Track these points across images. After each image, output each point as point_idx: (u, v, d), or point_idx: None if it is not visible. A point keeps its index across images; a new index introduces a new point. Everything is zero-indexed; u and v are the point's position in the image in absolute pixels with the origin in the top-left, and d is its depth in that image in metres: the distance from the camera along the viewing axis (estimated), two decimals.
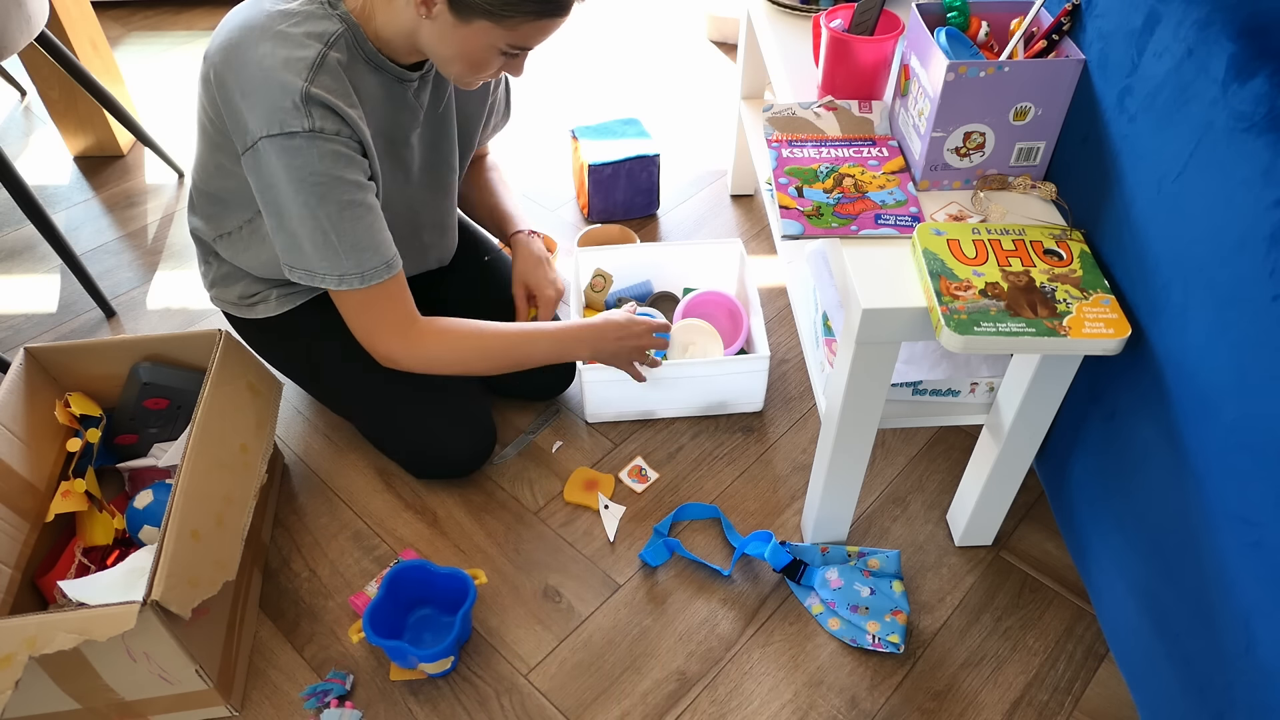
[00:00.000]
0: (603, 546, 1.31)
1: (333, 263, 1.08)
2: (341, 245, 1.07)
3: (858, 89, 1.22)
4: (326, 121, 1.02)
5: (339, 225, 1.06)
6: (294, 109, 1.00)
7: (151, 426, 1.32)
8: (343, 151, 1.04)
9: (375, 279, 1.11)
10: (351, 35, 1.06)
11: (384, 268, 1.11)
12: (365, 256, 1.09)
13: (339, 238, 1.07)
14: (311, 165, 1.02)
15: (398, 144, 1.19)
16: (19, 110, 2.31)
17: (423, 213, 1.30)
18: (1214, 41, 0.79)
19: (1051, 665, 1.17)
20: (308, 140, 1.01)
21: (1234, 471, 0.77)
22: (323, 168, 1.03)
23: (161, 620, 0.95)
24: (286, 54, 1.01)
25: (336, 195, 1.05)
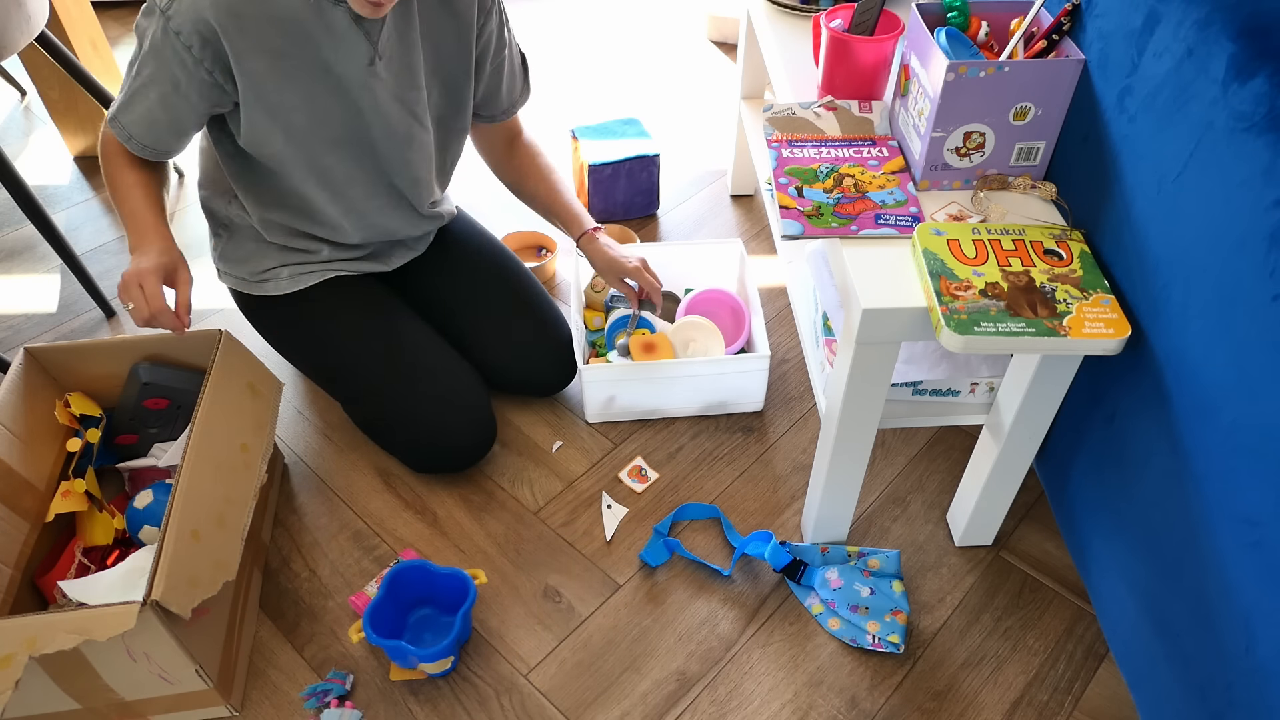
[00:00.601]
0: (603, 546, 1.31)
1: (121, 108, 1.13)
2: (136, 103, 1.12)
3: (858, 89, 1.22)
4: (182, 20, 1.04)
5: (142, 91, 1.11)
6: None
7: (151, 426, 1.32)
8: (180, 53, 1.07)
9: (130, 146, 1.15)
10: None
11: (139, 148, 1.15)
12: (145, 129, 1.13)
13: (138, 98, 1.11)
14: (154, 37, 1.07)
15: (348, 81, 1.16)
16: (19, 110, 2.31)
17: (388, 163, 1.28)
18: (1214, 41, 0.79)
19: (1051, 665, 1.17)
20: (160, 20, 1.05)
21: (1234, 471, 0.77)
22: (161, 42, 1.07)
23: (161, 620, 0.95)
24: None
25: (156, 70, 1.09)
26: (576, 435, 1.47)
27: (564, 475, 1.41)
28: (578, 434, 1.47)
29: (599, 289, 1.56)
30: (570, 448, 1.45)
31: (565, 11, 2.73)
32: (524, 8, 2.75)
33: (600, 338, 1.55)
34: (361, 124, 1.21)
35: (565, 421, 1.49)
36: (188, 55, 1.07)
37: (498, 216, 1.93)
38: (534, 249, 1.84)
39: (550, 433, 1.48)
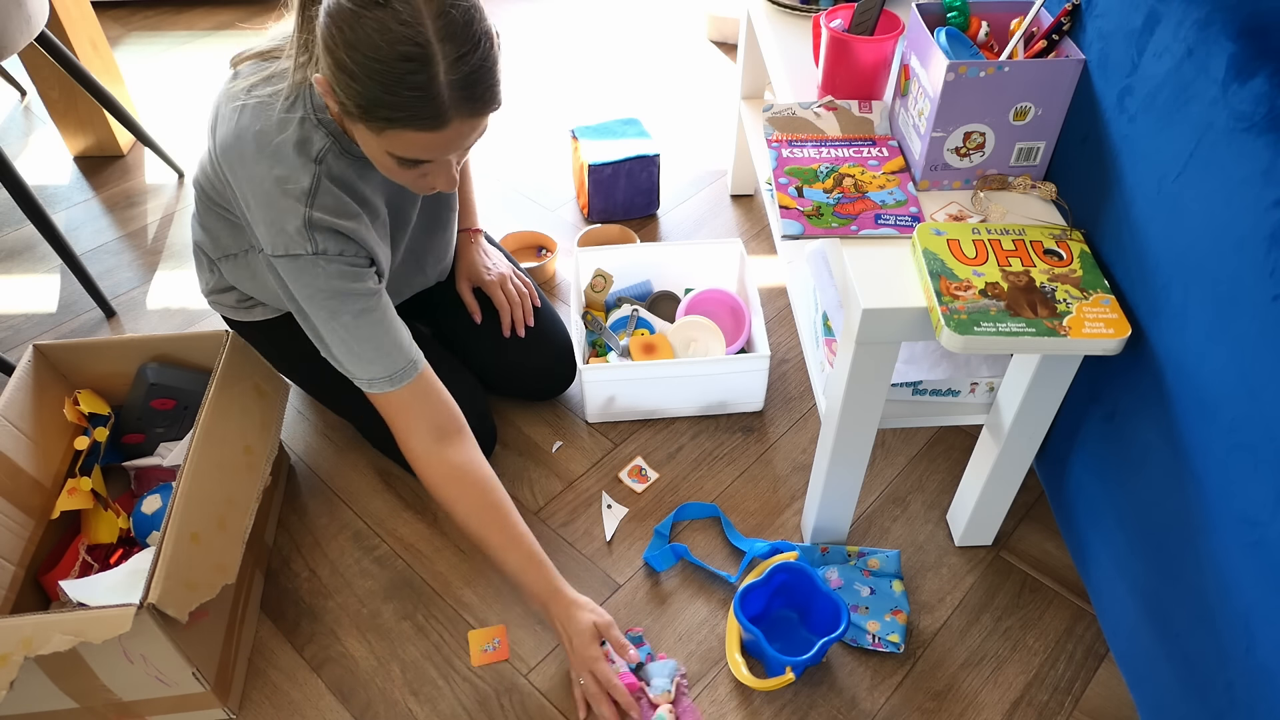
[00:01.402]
0: (603, 546, 1.31)
1: (360, 367, 1.09)
2: (364, 351, 1.08)
3: (858, 89, 1.22)
4: (330, 243, 1.02)
5: (357, 333, 1.07)
6: (296, 235, 1.01)
7: (158, 426, 1.32)
8: (348, 268, 1.05)
9: (405, 379, 1.10)
10: (337, 145, 1.04)
11: (410, 366, 1.10)
12: (391, 359, 1.09)
13: (359, 345, 1.07)
14: (319, 283, 1.03)
15: (405, 210, 1.20)
16: (19, 110, 2.31)
17: (426, 253, 1.32)
18: (1214, 41, 0.79)
19: (1051, 665, 1.17)
20: (311, 262, 1.02)
21: (1234, 471, 0.77)
22: (331, 286, 1.04)
23: (158, 623, 0.95)
24: (283, 178, 1.00)
25: (349, 307, 1.05)
26: (576, 435, 1.47)
27: (564, 475, 1.41)
28: (578, 434, 1.47)
29: (599, 289, 1.56)
30: (570, 448, 1.45)
31: (565, 11, 2.73)
32: (524, 8, 2.75)
33: (600, 338, 1.54)
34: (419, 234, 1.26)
35: (565, 421, 1.49)
36: (359, 261, 1.06)
37: (497, 217, 1.93)
38: (534, 249, 1.84)
39: (550, 433, 1.47)
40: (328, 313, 1.05)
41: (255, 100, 1.02)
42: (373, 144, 0.95)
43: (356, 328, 1.07)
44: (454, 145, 0.95)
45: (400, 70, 0.86)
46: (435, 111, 0.89)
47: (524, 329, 1.42)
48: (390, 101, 0.88)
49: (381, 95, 0.87)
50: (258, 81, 1.03)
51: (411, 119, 0.89)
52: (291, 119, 1.01)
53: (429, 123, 0.90)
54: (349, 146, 1.06)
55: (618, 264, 1.62)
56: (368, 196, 1.10)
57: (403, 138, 0.91)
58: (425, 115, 0.89)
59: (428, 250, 1.33)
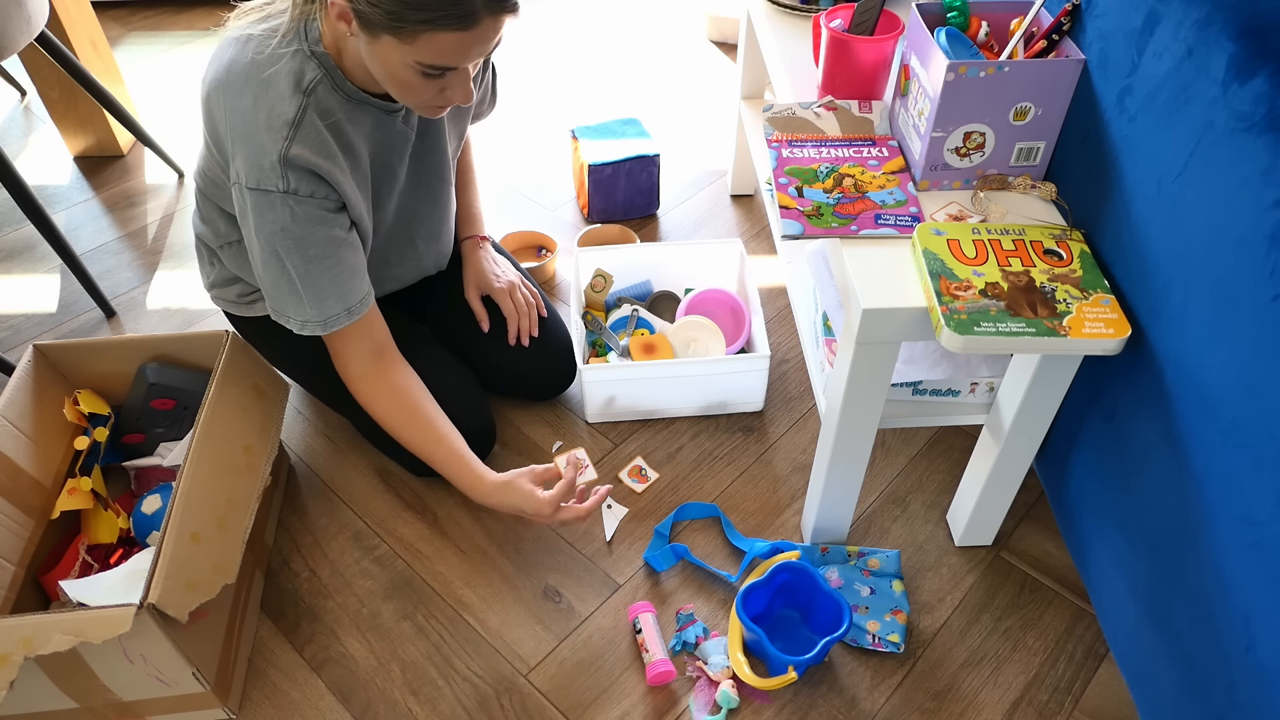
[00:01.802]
0: (603, 546, 1.31)
1: (296, 309, 1.11)
2: (306, 294, 1.09)
3: (858, 89, 1.22)
4: (303, 183, 1.03)
5: (305, 276, 1.08)
6: (271, 169, 1.01)
7: (158, 426, 1.32)
8: (316, 211, 1.05)
9: (336, 325, 1.12)
10: (330, 79, 1.05)
11: (344, 314, 1.12)
12: (327, 305, 1.11)
13: (304, 287, 1.09)
14: (283, 221, 1.04)
15: (391, 166, 1.20)
16: (19, 110, 2.31)
17: (416, 223, 1.32)
18: (1214, 41, 0.79)
19: (1051, 665, 1.17)
20: (281, 199, 1.03)
21: (1234, 471, 0.77)
22: (294, 226, 1.04)
23: (158, 623, 0.95)
24: (269, 107, 1.01)
25: (305, 250, 1.06)
26: (576, 435, 1.47)
27: None
28: (578, 434, 1.47)
29: (599, 289, 1.56)
30: (570, 448, 1.45)
31: (565, 11, 2.73)
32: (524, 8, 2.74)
33: (600, 338, 1.54)
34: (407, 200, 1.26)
35: (565, 421, 1.49)
36: (328, 205, 1.07)
37: (496, 217, 1.93)
38: (534, 249, 1.84)
39: (550, 433, 1.47)
40: (282, 250, 1.06)
41: (246, 36, 1.04)
42: (396, 57, 0.96)
43: (305, 271, 1.07)
44: (480, 47, 0.97)
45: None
46: (468, 9, 0.92)
47: (529, 338, 1.42)
48: (426, 2, 0.90)
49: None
50: (253, 21, 1.06)
51: (445, 18, 0.92)
52: (285, 52, 1.03)
53: (462, 21, 0.92)
54: (341, 83, 1.06)
55: (618, 264, 1.62)
56: (351, 140, 1.10)
57: (435, 41, 0.93)
58: (459, 13, 0.92)
59: (418, 219, 1.32)
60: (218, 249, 1.27)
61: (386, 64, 0.99)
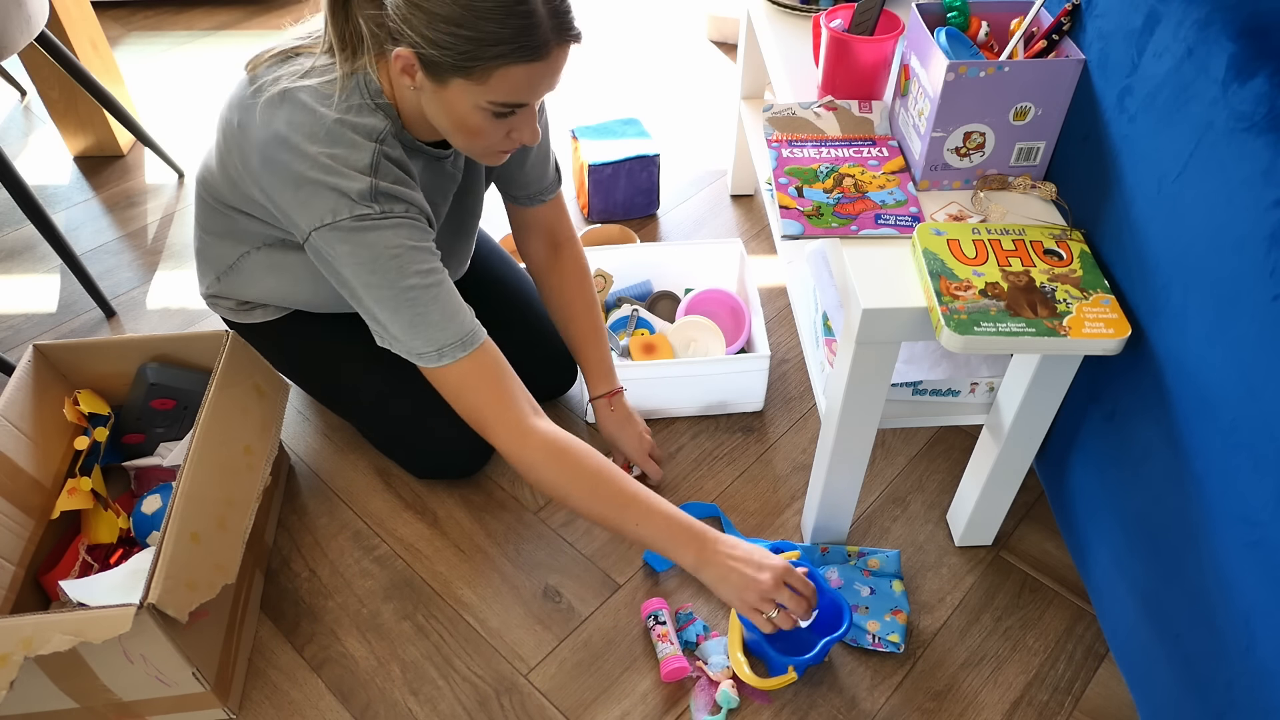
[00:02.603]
0: (603, 546, 1.31)
1: (429, 337, 1.04)
2: (433, 315, 1.03)
3: (858, 89, 1.22)
4: (395, 204, 1.01)
5: (426, 295, 1.02)
6: (360, 199, 0.98)
7: (159, 426, 1.32)
8: (416, 227, 1.03)
9: (474, 344, 1.06)
10: (394, 127, 1.04)
11: (476, 332, 1.07)
12: (461, 322, 1.05)
13: (430, 308, 1.03)
14: (386, 241, 1.00)
15: (436, 206, 1.20)
16: (19, 110, 2.31)
17: (449, 254, 1.31)
18: (1214, 41, 0.79)
19: (1051, 665, 1.17)
20: (377, 223, 0.99)
21: (1234, 471, 0.77)
22: (397, 241, 1.00)
23: (158, 623, 0.95)
24: (342, 155, 0.99)
25: (414, 266, 1.01)
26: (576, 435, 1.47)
27: None
28: (578, 434, 1.47)
29: (599, 289, 1.56)
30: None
31: None
32: None
33: None
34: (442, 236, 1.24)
35: (565, 422, 1.49)
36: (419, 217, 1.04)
37: (497, 216, 1.92)
38: None
39: None
40: (396, 273, 1.00)
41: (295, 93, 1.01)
42: (466, 101, 0.96)
43: (425, 290, 1.02)
44: (549, 80, 0.97)
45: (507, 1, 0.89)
46: (540, 40, 0.92)
47: None
48: (499, 35, 0.90)
49: (492, 30, 0.90)
50: (291, 76, 1.02)
51: (519, 50, 0.92)
52: (349, 105, 1.01)
53: (534, 53, 0.92)
54: (400, 132, 1.06)
55: (618, 264, 1.62)
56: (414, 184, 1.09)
57: (509, 77, 0.93)
58: (531, 44, 0.92)
59: (450, 254, 1.31)
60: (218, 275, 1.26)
61: (455, 110, 0.97)
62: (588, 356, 1.37)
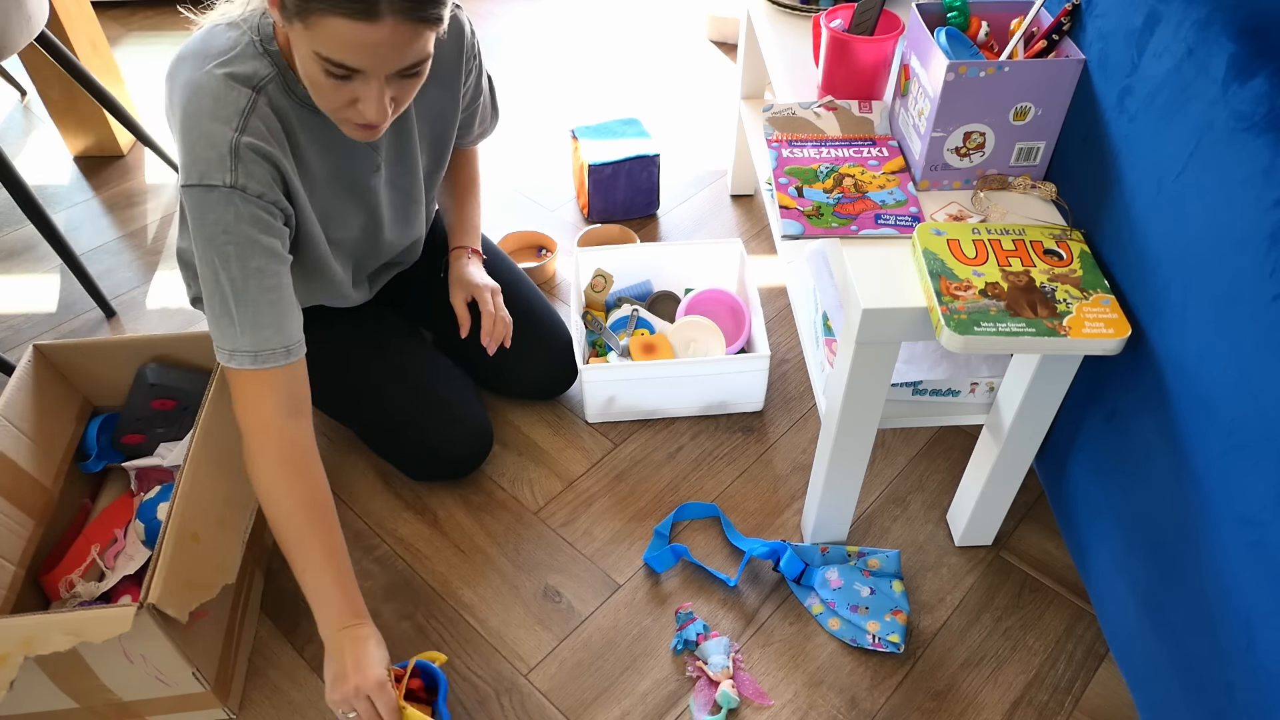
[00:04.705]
0: (603, 546, 1.31)
1: (226, 334, 0.99)
2: (239, 316, 0.98)
3: (858, 89, 1.22)
4: (251, 179, 0.96)
5: (242, 294, 0.98)
6: (219, 161, 0.95)
7: (159, 427, 1.32)
8: (262, 215, 0.98)
9: (270, 363, 1.00)
10: (282, 79, 1.00)
11: (282, 353, 1.01)
12: (264, 336, 0.99)
13: (237, 307, 0.98)
14: (225, 221, 0.96)
15: (358, 186, 1.16)
16: (19, 110, 2.31)
17: (386, 244, 1.29)
18: (1214, 41, 0.79)
19: (1051, 665, 1.17)
20: (226, 195, 0.95)
21: (1234, 471, 0.77)
22: (237, 227, 0.96)
23: (158, 623, 0.95)
24: (216, 95, 0.96)
25: (245, 259, 0.97)
26: (576, 435, 1.47)
27: (564, 475, 1.41)
28: (578, 434, 1.47)
29: (599, 289, 1.56)
30: (570, 448, 1.45)
31: (565, 11, 2.73)
32: (524, 8, 2.75)
33: (600, 338, 1.54)
34: (374, 221, 1.23)
35: (565, 421, 1.49)
36: (274, 213, 1.01)
37: (497, 217, 1.93)
38: (533, 249, 1.84)
39: (550, 433, 1.47)
40: (220, 258, 0.97)
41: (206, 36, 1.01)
42: (304, 47, 0.90)
43: (244, 287, 0.98)
44: (385, 54, 0.90)
45: None
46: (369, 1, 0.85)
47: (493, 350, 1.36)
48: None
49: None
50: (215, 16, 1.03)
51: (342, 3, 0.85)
52: (238, 45, 0.99)
53: (360, 11, 0.85)
54: (293, 84, 1.02)
55: (618, 264, 1.62)
56: (302, 145, 1.05)
57: (332, 28, 0.86)
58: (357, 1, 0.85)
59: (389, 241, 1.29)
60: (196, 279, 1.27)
61: (300, 55, 0.93)
62: (449, 210, 1.43)
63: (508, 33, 2.61)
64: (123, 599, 1.17)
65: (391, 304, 1.45)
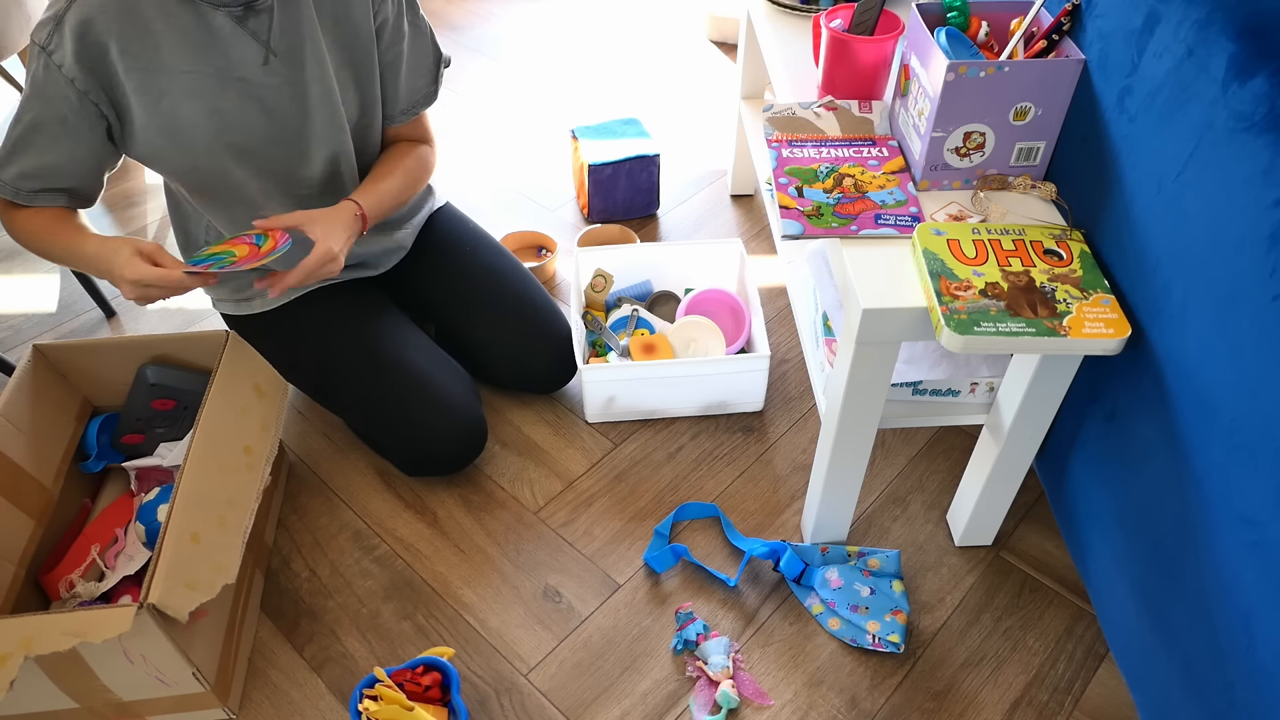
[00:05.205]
0: (603, 546, 1.31)
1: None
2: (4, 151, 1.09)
3: (858, 89, 1.22)
4: (60, 51, 1.03)
5: (16, 135, 1.08)
6: (45, 23, 1.02)
7: (159, 427, 1.32)
8: (60, 88, 1.05)
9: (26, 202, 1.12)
10: None
11: (34, 195, 1.12)
12: (25, 181, 1.10)
13: (11, 144, 1.09)
14: (35, 73, 1.05)
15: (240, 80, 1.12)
16: None
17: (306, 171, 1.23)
18: (1214, 41, 0.79)
19: (1051, 665, 1.17)
20: (39, 53, 1.03)
21: (1234, 471, 0.77)
22: (36, 81, 1.05)
23: (158, 623, 0.95)
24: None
25: (32, 112, 1.06)
26: (576, 435, 1.47)
27: (564, 475, 1.41)
28: (578, 434, 1.47)
29: (599, 289, 1.56)
30: (570, 448, 1.45)
31: (565, 11, 2.73)
32: (524, 8, 2.75)
33: (600, 338, 1.55)
34: (278, 121, 1.17)
35: (565, 421, 1.49)
36: (72, 89, 1.06)
37: (497, 216, 1.93)
38: (533, 249, 1.84)
39: (550, 432, 1.47)
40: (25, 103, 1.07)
41: None
42: None
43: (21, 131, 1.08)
44: None
45: None
46: None
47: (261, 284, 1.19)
48: None
49: None
50: None
51: None
52: None
53: None
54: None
55: (618, 264, 1.62)
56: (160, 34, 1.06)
57: None
58: None
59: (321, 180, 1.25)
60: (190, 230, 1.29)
61: None
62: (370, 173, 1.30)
63: (508, 33, 2.61)
64: (123, 599, 1.17)
65: (391, 296, 1.45)
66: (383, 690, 1.02)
